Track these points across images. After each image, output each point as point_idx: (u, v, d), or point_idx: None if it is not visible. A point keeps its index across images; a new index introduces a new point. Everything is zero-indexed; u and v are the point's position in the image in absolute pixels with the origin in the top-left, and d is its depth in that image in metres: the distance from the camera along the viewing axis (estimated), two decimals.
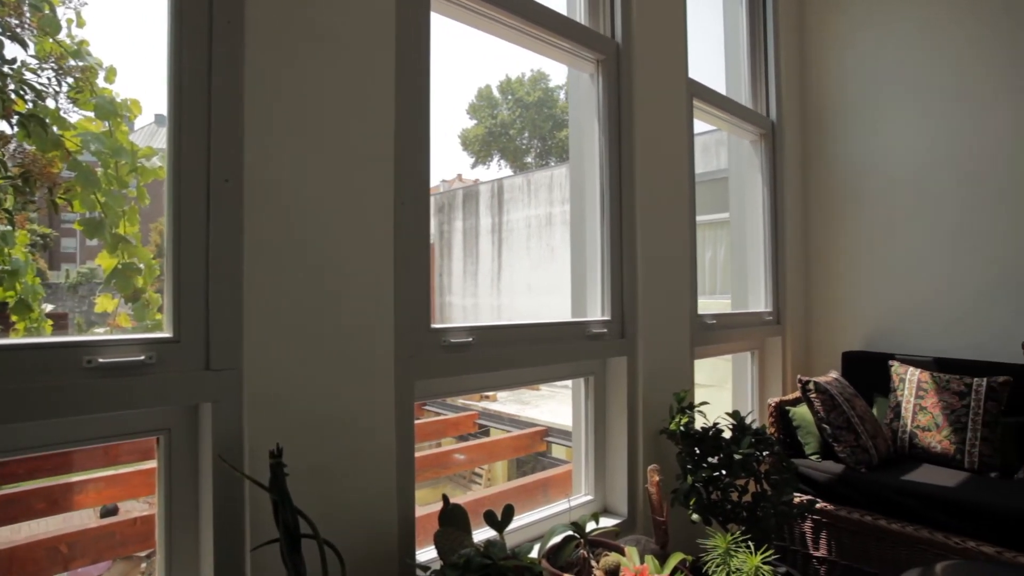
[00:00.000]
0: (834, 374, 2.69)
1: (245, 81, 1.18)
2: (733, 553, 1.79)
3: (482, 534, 1.74)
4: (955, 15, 2.86)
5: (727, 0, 3.12)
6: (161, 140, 1.15)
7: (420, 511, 2.15)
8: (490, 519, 1.53)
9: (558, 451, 5.15)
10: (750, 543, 1.92)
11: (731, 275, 3.20)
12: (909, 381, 2.59)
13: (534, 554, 1.85)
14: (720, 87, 2.88)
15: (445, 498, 1.50)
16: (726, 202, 3.23)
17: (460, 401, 7.05)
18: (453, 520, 1.47)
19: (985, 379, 2.43)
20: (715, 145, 7.05)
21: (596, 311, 2.14)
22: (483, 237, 11.08)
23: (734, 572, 1.77)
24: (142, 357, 1.07)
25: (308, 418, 1.27)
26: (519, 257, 10.39)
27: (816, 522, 2.31)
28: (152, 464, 1.19)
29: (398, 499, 1.43)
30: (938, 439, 2.42)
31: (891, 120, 3.05)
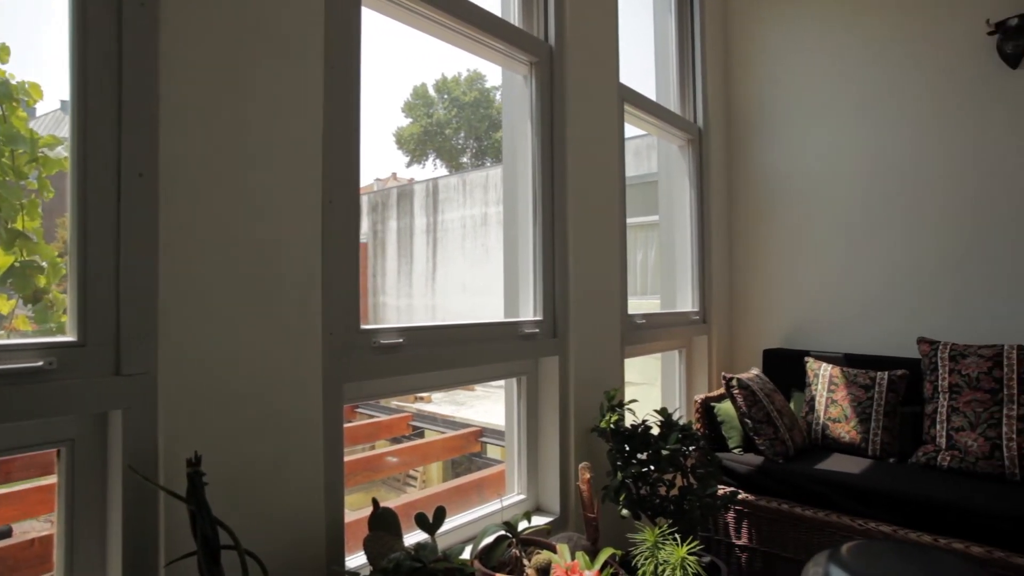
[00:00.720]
0: (755, 371, 2.82)
1: (160, 69, 1.11)
2: (661, 546, 1.85)
3: (414, 537, 1.72)
4: (863, 32, 3.07)
5: (657, 9, 3.22)
6: (68, 128, 1.07)
7: (351, 516, 2.11)
8: (421, 522, 1.51)
9: (493, 451, 5.16)
10: (677, 535, 1.98)
11: (660, 276, 3.30)
12: (822, 376, 2.75)
13: (466, 555, 1.85)
14: (650, 93, 2.97)
15: (375, 502, 1.47)
16: (657, 205, 3.33)
17: (394, 403, 6.95)
18: (383, 524, 1.45)
19: (887, 373, 2.61)
20: (646, 149, 7.26)
21: (529, 311, 2.16)
22: (418, 237, 10.96)
23: (662, 564, 1.82)
24: (40, 363, 0.99)
25: (230, 423, 1.21)
26: (454, 257, 10.35)
27: (738, 512, 2.42)
28: (53, 479, 1.10)
29: (326, 505, 1.39)
30: (847, 429, 2.59)
31: (806, 128, 3.24)
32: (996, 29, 2.66)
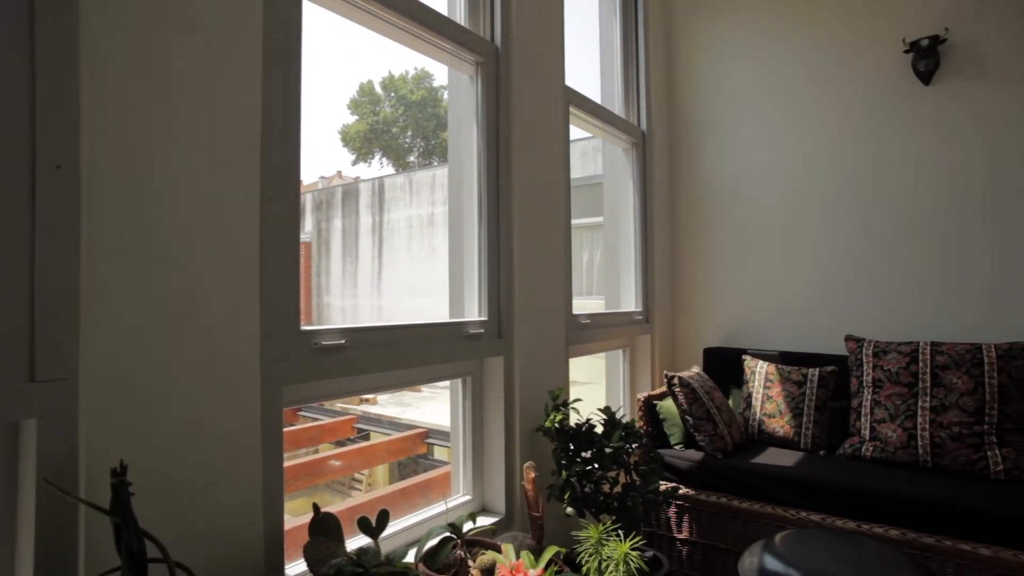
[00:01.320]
0: (696, 369, 2.91)
1: (81, 56, 1.05)
2: (604, 542, 1.88)
3: (358, 542, 1.69)
4: (795, 47, 3.20)
5: (603, 14, 3.27)
6: None
7: (293, 522, 2.05)
8: (364, 526, 1.49)
9: (440, 452, 5.13)
10: (621, 531, 2.02)
11: (605, 277, 3.35)
12: (759, 373, 2.86)
13: (410, 558, 1.83)
14: (596, 96, 3.02)
15: (316, 507, 1.44)
16: (602, 206, 3.38)
17: (338, 405, 6.82)
18: (325, 530, 1.41)
19: (818, 369, 2.74)
20: (592, 151, 7.37)
21: (474, 312, 2.15)
22: (363, 236, 10.77)
23: (605, 560, 1.85)
24: None
25: (160, 430, 1.16)
26: (401, 257, 10.23)
27: (680, 507, 2.48)
28: None
29: (265, 511, 1.35)
30: (781, 424, 2.69)
31: (743, 135, 3.36)
32: (911, 48, 2.83)
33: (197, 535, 1.21)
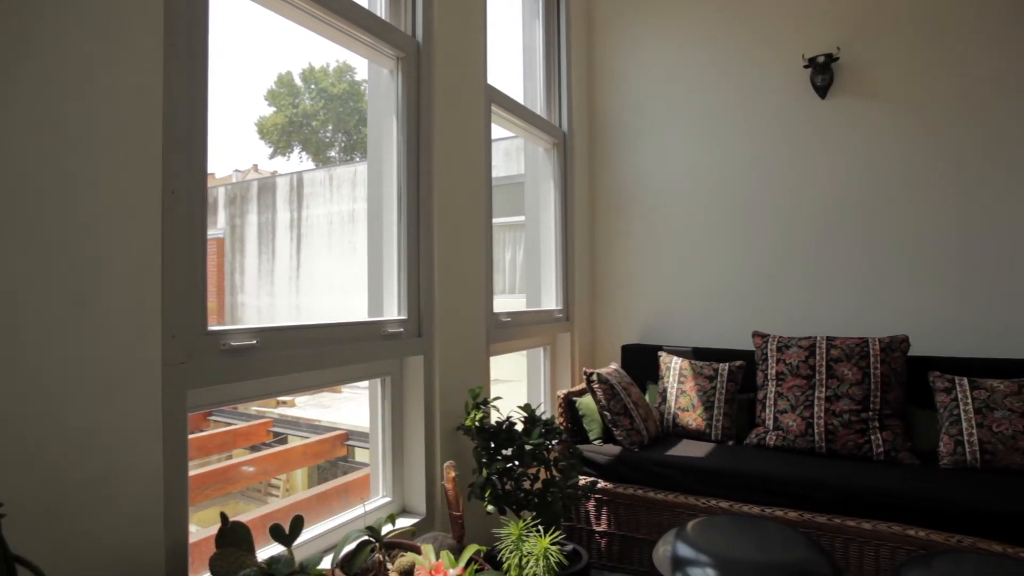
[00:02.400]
0: (614, 365, 2.99)
1: None
2: (525, 538, 1.89)
3: (273, 550, 1.62)
4: (707, 56, 3.36)
5: (525, 15, 3.30)
6: None
7: (202, 534, 1.95)
8: (276, 533, 1.43)
9: (362, 454, 5.01)
10: (541, 527, 2.05)
11: (526, 275, 3.39)
12: (673, 369, 2.98)
13: (327, 564, 1.78)
14: (518, 96, 3.04)
15: (223, 517, 1.37)
16: (524, 205, 3.41)
17: (253, 408, 6.54)
18: (233, 540, 1.35)
19: (727, 364, 2.89)
20: (516, 151, 7.43)
21: (393, 310, 2.12)
22: (281, 233, 10.36)
23: (526, 556, 1.87)
24: None
25: (42, 442, 1.06)
26: (320, 255, 9.91)
27: (598, 500, 2.55)
28: None
29: (166, 525, 1.27)
30: (694, 417, 2.82)
31: (659, 139, 3.48)
32: (809, 64, 3.04)
33: (86, 555, 1.12)
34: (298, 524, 1.45)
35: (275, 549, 1.64)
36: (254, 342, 1.55)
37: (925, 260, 2.89)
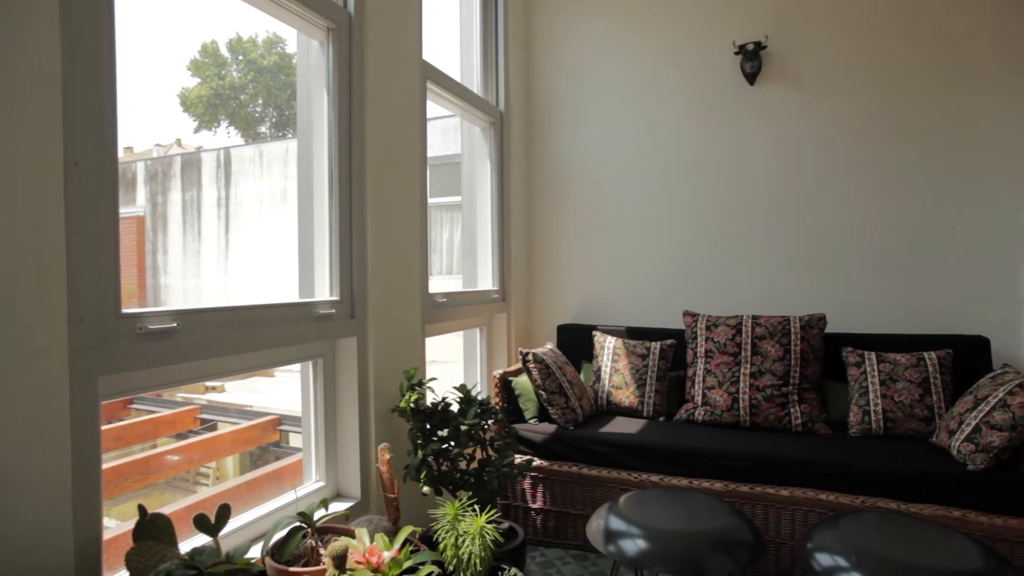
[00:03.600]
0: (550, 345, 3.02)
1: None
2: (461, 518, 1.90)
3: (200, 541, 1.57)
4: (644, 40, 3.40)
5: None
6: None
7: (122, 528, 1.85)
8: (201, 524, 1.38)
9: (295, 440, 4.90)
10: (477, 506, 2.06)
11: (463, 255, 3.37)
12: (607, 348, 3.04)
13: (256, 552, 1.73)
14: (455, 74, 2.98)
15: (141, 509, 1.30)
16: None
17: (180, 395, 6.27)
18: (153, 532, 1.29)
19: (659, 343, 2.97)
20: (453, 130, 7.33)
21: (325, 291, 2.06)
22: (208, 211, 9.87)
23: (462, 535, 1.88)
24: None
25: None
26: (250, 235, 9.52)
27: (534, 478, 2.59)
28: None
29: (76, 522, 1.20)
30: (627, 394, 2.89)
31: (595, 121, 3.51)
32: (739, 51, 3.12)
33: None
34: (224, 513, 1.40)
35: (202, 540, 1.59)
36: (175, 325, 1.47)
37: (842, 242, 3.05)
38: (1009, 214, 2.80)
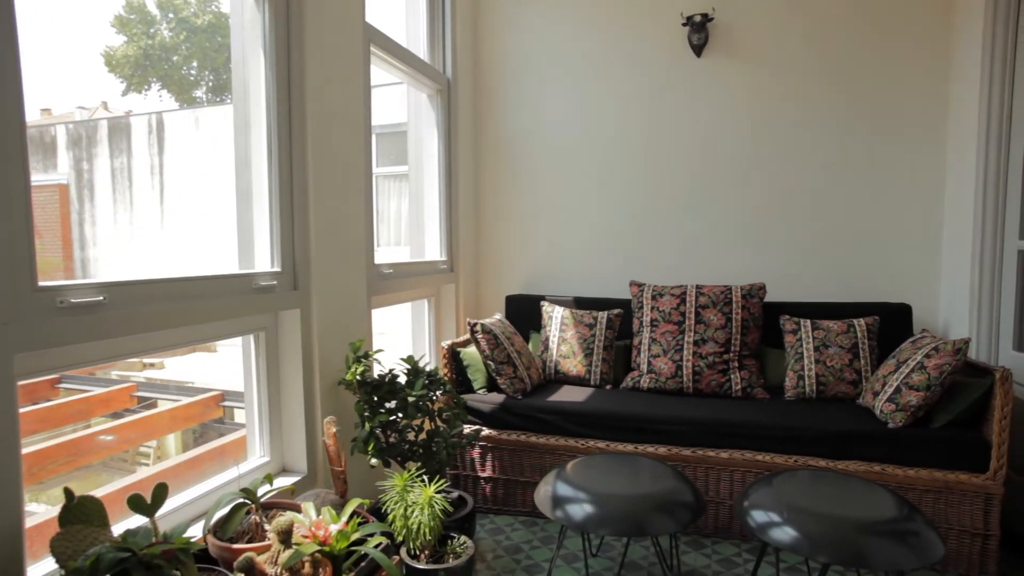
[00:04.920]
0: (498, 316, 3.03)
1: None
2: (410, 489, 1.91)
3: (137, 523, 1.51)
4: (593, 9, 3.36)
5: None
6: None
7: (51, 513, 1.76)
8: (136, 504, 1.33)
9: (241, 416, 4.78)
10: (426, 477, 2.07)
11: (410, 226, 3.31)
12: (555, 318, 3.07)
13: (198, 531, 1.69)
14: (400, 38, 2.89)
15: (67, 492, 1.24)
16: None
17: (115, 373, 6.01)
18: (82, 516, 1.23)
19: (606, 312, 3.02)
20: (402, 98, 7.14)
21: (265, 262, 1.99)
22: (140, 180, 9.36)
23: (411, 506, 1.89)
24: None
25: None
26: (188, 204, 9.10)
27: (483, 447, 2.61)
28: None
29: None
30: (574, 363, 2.94)
31: (543, 90, 3.48)
32: (687, 22, 3.14)
33: None
34: (161, 492, 1.36)
35: (140, 522, 1.53)
36: (101, 298, 1.40)
37: (782, 214, 3.15)
38: (933, 191, 2.95)
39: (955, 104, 2.85)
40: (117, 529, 1.29)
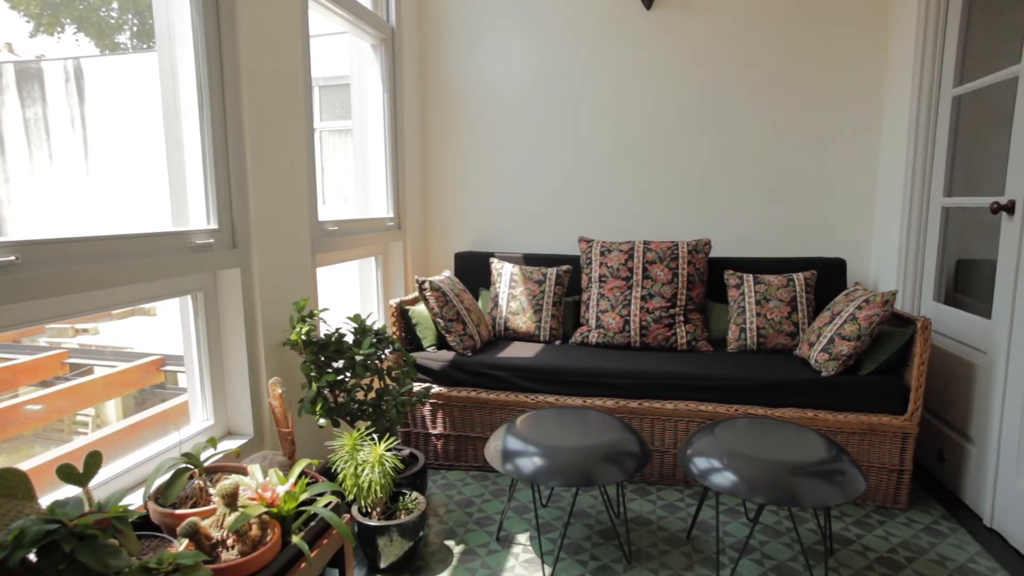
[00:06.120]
0: (447, 273, 3.00)
1: None
2: (360, 448, 1.90)
3: (71, 494, 1.45)
4: None
5: None
6: None
7: None
8: (66, 474, 1.27)
9: (184, 380, 4.63)
10: (376, 435, 2.06)
11: (355, 182, 3.21)
12: (505, 275, 3.06)
13: (138, 499, 1.64)
14: None
15: None
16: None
17: (43, 340, 5.72)
18: (4, 490, 1.17)
19: (555, 269, 3.03)
20: (345, 50, 6.82)
21: (201, 220, 1.89)
22: (59, 132, 8.70)
23: (361, 464, 1.88)
24: None
25: None
26: (117, 159, 8.55)
27: (434, 405, 2.61)
28: None
29: None
30: (524, 320, 2.95)
31: (492, 43, 3.38)
32: None
33: None
34: (93, 461, 1.30)
35: (73, 493, 1.47)
36: (13, 259, 1.30)
37: (727, 170, 3.21)
38: (868, 154, 3.05)
39: (892, 67, 2.92)
40: (49, 502, 1.23)
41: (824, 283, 2.90)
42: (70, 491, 1.56)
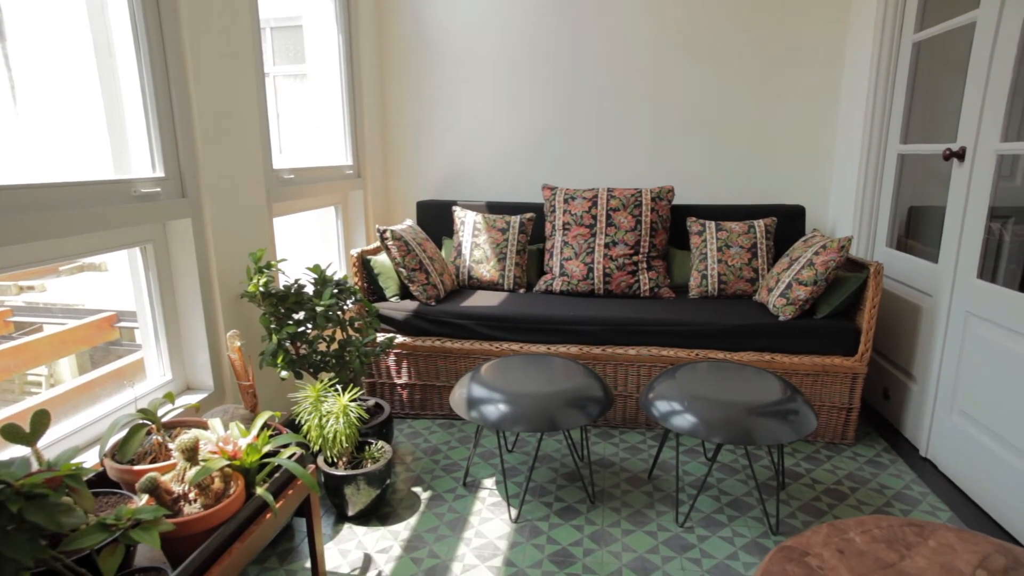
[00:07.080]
0: (409, 222, 2.94)
1: None
2: (324, 399, 1.88)
3: (18, 454, 1.41)
4: None
5: None
6: None
7: None
8: (11, 433, 1.22)
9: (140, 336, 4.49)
10: (340, 386, 2.05)
11: (312, 129, 3.08)
12: (468, 223, 3.02)
13: (93, 457, 1.61)
14: None
15: None
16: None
17: None
18: None
19: (519, 217, 3.00)
20: None
21: (146, 167, 1.79)
22: None
23: (326, 415, 1.87)
24: None
25: None
26: (48, 99, 8.00)
27: (398, 355, 2.60)
28: None
29: None
30: (488, 268, 2.94)
31: None
32: None
33: None
34: (41, 419, 1.25)
35: (21, 453, 1.43)
36: None
37: (688, 118, 3.18)
38: (829, 103, 3.06)
39: (855, 12, 2.90)
40: None
41: (784, 229, 2.95)
42: (19, 452, 1.51)
